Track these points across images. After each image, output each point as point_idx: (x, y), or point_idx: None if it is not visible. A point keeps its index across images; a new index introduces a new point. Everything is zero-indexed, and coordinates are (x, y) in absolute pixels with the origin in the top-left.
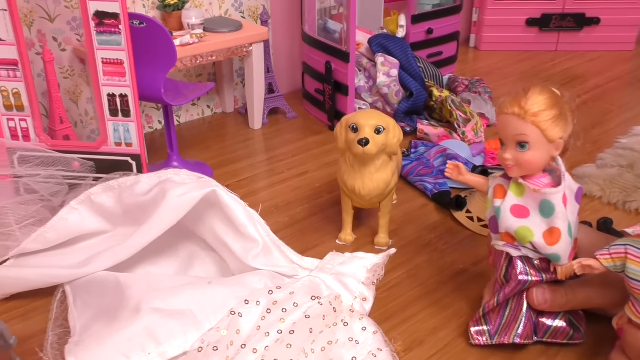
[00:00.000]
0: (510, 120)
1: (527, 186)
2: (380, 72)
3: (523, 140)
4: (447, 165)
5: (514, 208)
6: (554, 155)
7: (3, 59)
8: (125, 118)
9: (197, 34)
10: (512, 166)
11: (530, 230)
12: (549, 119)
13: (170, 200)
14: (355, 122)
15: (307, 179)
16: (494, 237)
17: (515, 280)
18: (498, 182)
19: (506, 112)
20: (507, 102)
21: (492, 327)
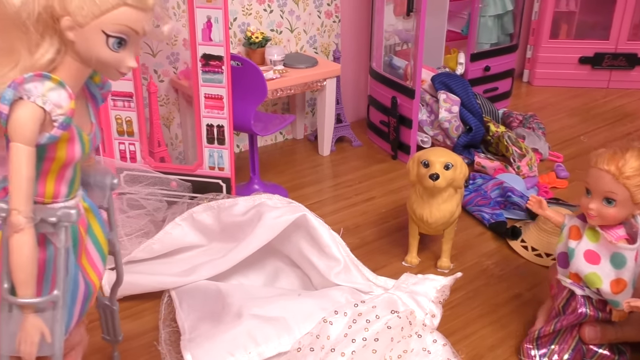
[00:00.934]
0: (604, 176)
1: (603, 235)
2: (442, 108)
3: (611, 197)
4: (530, 198)
5: (587, 253)
6: (635, 214)
7: (121, 91)
8: (220, 145)
9: (279, 70)
10: (595, 216)
11: (600, 277)
12: None
13: (266, 221)
14: (427, 158)
15: (373, 204)
16: (561, 271)
17: (574, 314)
18: (574, 223)
19: (601, 167)
20: (604, 159)
21: (544, 349)
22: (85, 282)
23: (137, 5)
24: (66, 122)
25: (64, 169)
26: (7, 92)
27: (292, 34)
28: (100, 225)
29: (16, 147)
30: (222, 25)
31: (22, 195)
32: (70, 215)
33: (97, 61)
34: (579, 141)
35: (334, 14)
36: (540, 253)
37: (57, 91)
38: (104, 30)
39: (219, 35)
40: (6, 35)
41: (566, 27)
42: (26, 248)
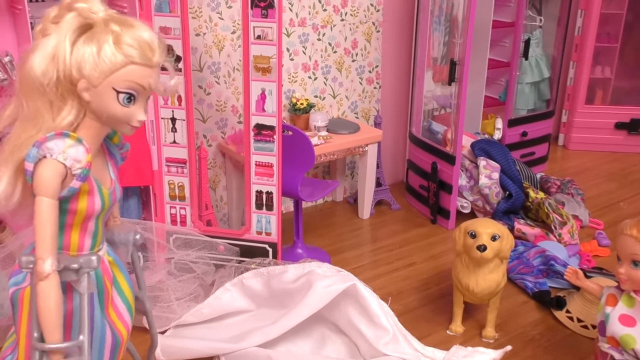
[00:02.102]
0: (627, 240)
1: (638, 300)
2: (483, 174)
3: (637, 259)
4: (567, 269)
5: (622, 317)
6: None
7: (176, 158)
8: (268, 211)
9: (323, 136)
10: (625, 280)
11: (634, 338)
12: None
13: (316, 290)
14: (474, 229)
15: (415, 270)
16: (600, 339)
17: None
18: (611, 292)
19: (626, 233)
20: (628, 225)
21: None
22: (112, 332)
23: (143, 62)
24: (84, 174)
25: (86, 222)
26: (32, 151)
27: (335, 99)
28: (126, 279)
29: (40, 200)
30: (275, 97)
31: (46, 244)
32: (91, 261)
33: (110, 117)
34: (618, 207)
35: (375, 81)
36: (587, 324)
37: (76, 147)
38: (114, 87)
39: (272, 107)
40: (32, 100)
41: (602, 93)
42: (52, 295)
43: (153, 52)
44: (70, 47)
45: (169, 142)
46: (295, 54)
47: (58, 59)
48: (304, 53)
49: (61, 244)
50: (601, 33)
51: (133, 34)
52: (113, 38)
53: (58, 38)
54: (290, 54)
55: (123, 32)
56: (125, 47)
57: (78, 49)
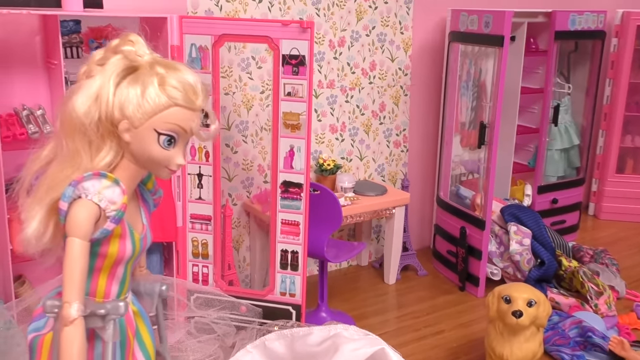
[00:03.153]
0: None
1: None
2: (513, 240)
3: None
4: (612, 338)
5: None
6: None
7: (201, 214)
8: (293, 271)
9: (350, 197)
10: None
11: None
12: None
13: (343, 353)
14: (508, 294)
15: (443, 338)
16: None
17: None
18: None
19: None
20: None
21: None
22: None
23: (186, 105)
24: (119, 216)
25: (116, 267)
26: (68, 190)
27: (362, 161)
28: (149, 331)
29: (72, 242)
30: (304, 154)
31: (75, 288)
32: (119, 307)
33: (149, 159)
34: None
35: (402, 144)
36: None
37: (112, 188)
38: (156, 128)
39: (300, 164)
40: (71, 140)
41: (632, 162)
42: (77, 341)
43: (196, 96)
44: (114, 88)
45: (194, 198)
46: (323, 115)
47: (101, 99)
48: (331, 114)
49: (87, 289)
50: (630, 102)
51: (178, 77)
52: (158, 80)
53: (103, 79)
54: (318, 115)
55: (168, 75)
56: (170, 89)
57: (122, 90)
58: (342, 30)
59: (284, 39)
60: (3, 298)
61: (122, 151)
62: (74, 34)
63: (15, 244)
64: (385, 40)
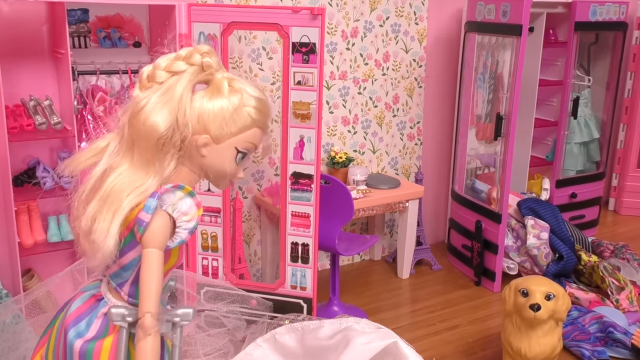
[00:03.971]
0: None
1: None
2: (531, 234)
3: None
4: (635, 332)
5: None
6: None
7: (209, 207)
8: (303, 264)
9: (362, 190)
10: None
11: None
12: None
13: (355, 347)
14: (526, 287)
15: (458, 333)
16: None
17: None
18: None
19: None
20: None
21: None
22: None
23: (263, 127)
24: (195, 228)
25: (167, 274)
26: (151, 202)
27: (374, 154)
28: None
29: (150, 252)
30: (314, 144)
31: (153, 298)
32: (189, 314)
33: (220, 173)
34: None
35: (417, 137)
36: None
37: (186, 200)
38: (236, 147)
39: (310, 154)
40: (145, 151)
41: None
42: (157, 350)
43: (270, 117)
44: (191, 102)
45: (203, 190)
46: (335, 107)
47: (178, 113)
48: (343, 106)
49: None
50: None
51: (258, 99)
52: (242, 99)
53: (181, 91)
54: (329, 107)
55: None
56: (252, 111)
57: (202, 105)
58: (355, 21)
59: (294, 27)
60: (11, 291)
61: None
62: (82, 23)
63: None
64: (399, 31)
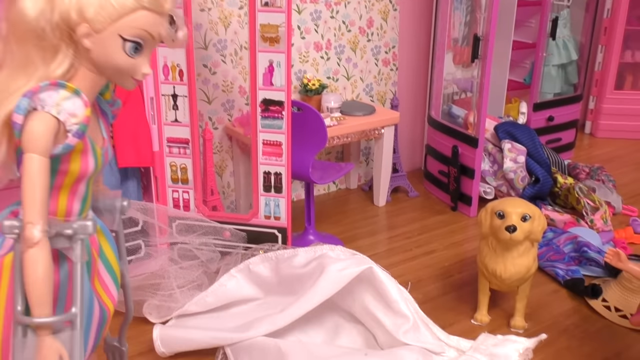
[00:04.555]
0: None
1: None
2: (507, 157)
3: None
4: (607, 250)
5: None
6: None
7: (177, 137)
8: (277, 194)
9: (336, 117)
10: None
11: None
12: None
13: (329, 274)
14: (502, 209)
15: (435, 258)
16: None
17: None
18: None
19: None
20: None
21: None
22: (99, 306)
23: (154, 8)
24: (81, 130)
25: (77, 184)
26: (22, 101)
27: (349, 81)
28: (112, 248)
29: (30, 158)
30: (284, 69)
31: (36, 207)
32: (87, 227)
33: (113, 68)
34: None
35: (392, 62)
36: (626, 314)
37: (72, 100)
38: (121, 34)
39: (280, 80)
40: (22, 46)
41: (632, 78)
42: (41, 263)
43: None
44: None
45: (170, 120)
46: (307, 32)
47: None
48: (316, 31)
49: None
50: (631, 16)
51: None
52: None
53: None
54: (301, 32)
55: None
56: None
57: None
58: None
59: None
60: None
61: (80, 59)
62: None
63: None
64: None
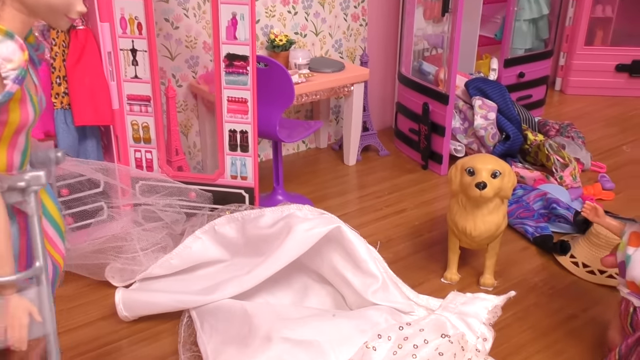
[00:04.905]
0: None
1: None
2: (478, 114)
3: None
4: (585, 205)
5: None
6: None
7: (138, 95)
8: (243, 153)
9: (304, 74)
10: None
11: None
12: None
13: (296, 234)
14: (472, 165)
15: (405, 217)
16: (620, 281)
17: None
18: (635, 229)
19: None
20: None
21: None
22: (51, 263)
23: None
24: (21, 76)
25: (17, 135)
26: None
27: (317, 37)
28: (54, 202)
29: None
30: (248, 22)
31: None
32: (40, 177)
33: (46, 6)
34: (620, 151)
35: (361, 17)
36: (593, 270)
37: (5, 44)
38: None
39: (244, 34)
40: None
41: (602, 33)
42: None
43: None
44: None
45: (129, 77)
46: None
47: None
48: None
49: None
50: None
51: None
52: None
53: None
54: None
55: None
56: None
57: None
58: None
59: None
60: None
61: None
62: None
63: None
64: None
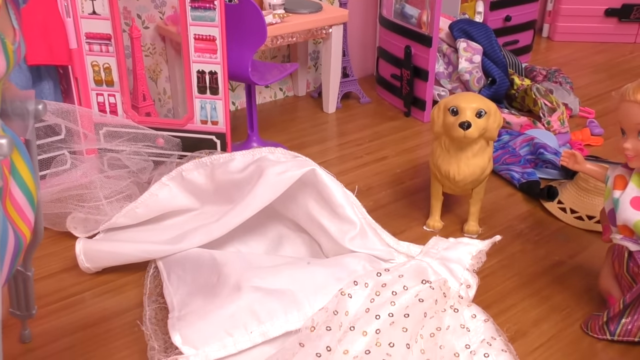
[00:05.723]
0: (632, 108)
1: None
2: (462, 57)
3: None
4: (563, 153)
5: (634, 200)
6: None
7: (97, 33)
8: (213, 96)
9: (279, 14)
10: (633, 157)
11: None
12: None
13: (268, 178)
14: (456, 104)
15: (387, 164)
16: (612, 229)
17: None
18: (619, 173)
19: (629, 99)
20: (631, 89)
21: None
22: (14, 233)
23: None
24: None
25: None
26: None
27: None
28: (27, 164)
29: None
30: None
31: None
32: (1, 146)
33: None
34: (609, 97)
35: None
36: (581, 215)
37: None
38: None
39: None
40: None
41: None
42: None
43: None
44: None
45: (87, 13)
46: None
47: None
48: None
49: None
50: None
51: None
52: None
53: None
54: None
55: None
56: None
57: None
58: None
59: None
60: None
61: None
62: None
63: None
64: None
